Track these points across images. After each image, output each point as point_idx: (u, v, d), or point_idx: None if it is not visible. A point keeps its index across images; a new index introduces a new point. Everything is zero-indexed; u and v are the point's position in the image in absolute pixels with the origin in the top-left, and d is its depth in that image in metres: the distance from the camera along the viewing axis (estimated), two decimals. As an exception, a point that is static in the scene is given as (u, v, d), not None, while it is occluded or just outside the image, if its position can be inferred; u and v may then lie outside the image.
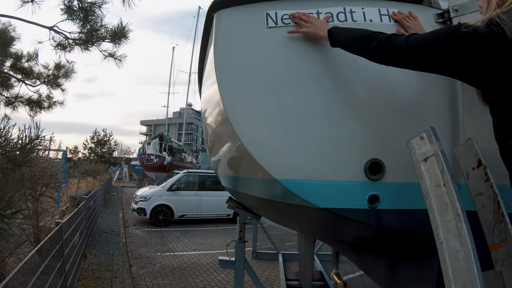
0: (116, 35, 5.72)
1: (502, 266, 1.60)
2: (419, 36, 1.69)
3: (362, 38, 1.86)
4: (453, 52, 1.53)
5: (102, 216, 15.76)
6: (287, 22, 2.14)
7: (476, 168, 1.74)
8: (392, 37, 1.74)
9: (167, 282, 7.42)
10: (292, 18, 2.13)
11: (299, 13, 2.12)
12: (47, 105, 7.41)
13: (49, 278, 4.32)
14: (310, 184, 1.96)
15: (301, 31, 2.07)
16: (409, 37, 1.69)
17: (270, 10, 2.15)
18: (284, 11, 2.15)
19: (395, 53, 1.73)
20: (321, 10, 2.16)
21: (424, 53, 1.63)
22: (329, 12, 2.15)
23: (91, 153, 58.81)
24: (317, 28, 2.04)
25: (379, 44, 1.76)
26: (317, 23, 2.06)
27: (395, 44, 1.71)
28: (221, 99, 2.14)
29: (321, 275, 7.19)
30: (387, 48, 1.74)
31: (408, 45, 1.67)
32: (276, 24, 2.13)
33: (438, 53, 1.58)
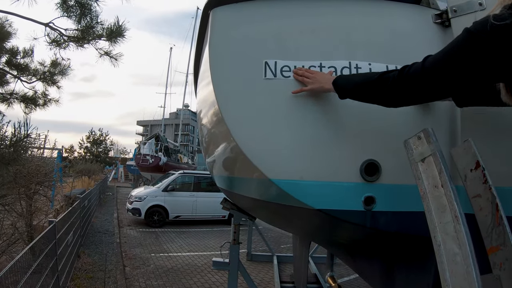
0: (113, 33, 5.70)
1: (500, 270, 1.57)
2: (436, 53, 1.53)
3: (372, 82, 1.74)
4: (480, 49, 1.35)
5: (96, 215, 15.71)
6: (287, 75, 2.04)
7: (474, 170, 1.71)
8: (406, 68, 1.61)
9: (161, 283, 7.37)
10: (294, 75, 2.02)
11: (301, 69, 2.02)
12: (43, 102, 7.39)
13: (41, 277, 4.29)
14: (305, 185, 1.93)
15: (306, 89, 1.97)
16: (424, 60, 1.55)
17: (269, 59, 2.06)
18: (285, 61, 2.06)
19: (415, 81, 1.57)
20: (325, 63, 2.07)
21: (449, 65, 1.45)
22: (333, 66, 2.06)
23: (86, 153, 58.73)
24: (322, 83, 1.92)
25: (394, 81, 1.64)
26: (321, 78, 1.95)
27: (412, 72, 1.58)
28: (216, 99, 2.10)
29: (315, 277, 7.17)
30: (403, 80, 1.60)
31: (426, 66, 1.52)
32: (274, 76, 2.04)
33: (465, 58, 1.40)
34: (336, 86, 1.87)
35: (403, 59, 2.03)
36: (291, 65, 2.05)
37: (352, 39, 2.12)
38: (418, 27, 2.12)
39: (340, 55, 2.08)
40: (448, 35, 2.06)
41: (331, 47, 2.10)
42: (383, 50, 2.09)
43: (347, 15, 2.15)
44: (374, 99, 1.78)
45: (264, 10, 2.14)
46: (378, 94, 1.73)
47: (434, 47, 2.06)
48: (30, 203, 7.88)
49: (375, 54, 2.08)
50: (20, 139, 2.59)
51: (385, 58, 2.07)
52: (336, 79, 1.89)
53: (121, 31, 5.79)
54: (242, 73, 2.09)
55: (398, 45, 2.10)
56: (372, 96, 1.78)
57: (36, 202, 8.46)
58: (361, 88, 1.80)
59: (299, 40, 2.09)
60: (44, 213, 8.73)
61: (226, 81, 2.11)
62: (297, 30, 2.11)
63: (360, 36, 2.12)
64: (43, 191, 8.86)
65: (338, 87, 1.86)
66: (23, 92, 7.17)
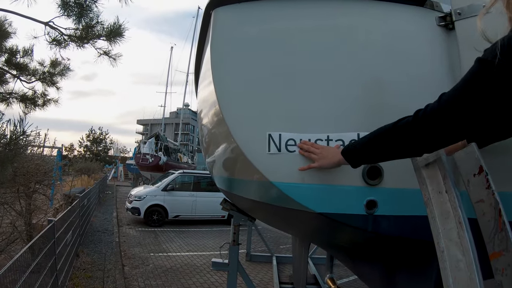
0: (112, 33, 5.69)
1: (502, 276, 1.56)
2: (450, 90, 1.41)
3: (386, 136, 1.60)
4: (495, 74, 1.24)
5: (96, 214, 15.72)
6: (292, 149, 1.97)
7: (477, 175, 1.70)
8: (420, 111, 1.47)
9: (159, 283, 7.37)
10: (300, 151, 1.95)
11: (306, 144, 1.94)
12: (42, 102, 7.38)
13: (40, 276, 4.29)
14: (306, 188, 1.92)
15: (313, 166, 1.88)
16: (439, 98, 1.43)
17: (273, 132, 1.98)
18: (290, 134, 1.99)
19: (433, 122, 1.42)
20: (332, 136, 1.99)
21: (467, 99, 1.33)
22: (340, 139, 1.98)
23: (86, 151, 58.80)
24: (330, 158, 1.83)
25: (409, 126, 1.50)
26: (327, 153, 1.86)
27: (429, 113, 1.43)
28: (217, 99, 2.09)
29: (315, 278, 7.16)
30: (421, 123, 1.46)
31: (442, 104, 1.40)
32: (279, 151, 1.97)
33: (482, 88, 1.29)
34: (346, 155, 1.76)
35: (406, 61, 2.02)
36: (297, 138, 1.98)
37: (354, 39, 2.10)
38: (422, 30, 2.11)
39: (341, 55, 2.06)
40: (452, 38, 2.05)
41: (333, 48, 2.08)
42: (385, 52, 2.08)
43: (350, 14, 2.14)
44: (392, 153, 1.64)
45: (266, 10, 2.12)
46: (395, 146, 1.59)
47: (437, 50, 2.07)
48: (29, 202, 7.88)
49: (377, 55, 2.07)
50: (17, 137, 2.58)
51: (390, 62, 2.06)
52: (344, 148, 1.80)
53: (120, 31, 5.79)
54: (243, 73, 2.07)
55: (401, 48, 2.09)
56: (389, 152, 1.63)
57: (35, 200, 8.46)
58: (375, 146, 1.65)
59: (300, 41, 2.08)
60: (44, 212, 8.73)
61: (228, 81, 2.09)
62: (298, 30, 2.10)
63: (362, 37, 2.10)
64: (43, 190, 8.85)
65: (349, 155, 1.75)
66: (22, 92, 7.17)
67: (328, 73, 2.04)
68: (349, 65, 2.04)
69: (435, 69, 2.02)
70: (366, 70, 2.03)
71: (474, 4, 2.01)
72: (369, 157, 1.70)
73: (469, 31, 1.99)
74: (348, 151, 1.76)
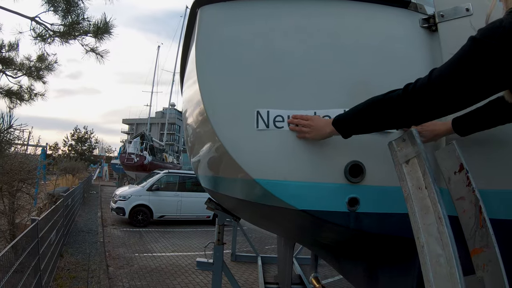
0: (99, 30, 5.65)
1: (483, 272, 1.58)
2: (442, 66, 1.43)
3: (376, 107, 1.64)
4: (490, 56, 1.27)
5: (80, 214, 15.58)
6: (280, 125, 1.98)
7: (457, 173, 1.72)
8: (410, 85, 1.51)
9: (144, 284, 7.33)
10: (290, 126, 1.96)
11: (296, 117, 1.95)
12: (28, 97, 7.29)
13: (23, 276, 4.25)
14: (289, 185, 1.92)
15: (307, 136, 1.90)
16: (430, 73, 1.45)
17: (261, 108, 1.99)
18: (278, 110, 2.01)
19: (422, 96, 1.47)
20: (319, 112, 2.00)
21: (457, 76, 1.36)
22: (327, 115, 1.99)
23: (71, 150, 58.24)
24: (321, 129, 1.86)
25: (399, 99, 1.54)
26: (317, 123, 1.88)
27: (418, 87, 1.48)
28: (201, 98, 2.08)
29: (300, 278, 7.18)
30: (410, 96, 1.50)
31: (433, 79, 1.43)
32: (267, 127, 1.97)
33: (474, 67, 1.31)
34: (337, 125, 1.79)
35: (389, 62, 2.04)
36: (284, 114, 1.99)
37: (340, 40, 2.11)
38: (405, 31, 2.13)
39: (327, 57, 2.07)
40: (435, 40, 2.08)
41: (319, 49, 2.09)
42: (370, 52, 2.09)
43: (336, 15, 2.15)
44: (382, 124, 1.69)
45: (252, 9, 2.12)
46: (385, 117, 1.63)
47: (420, 51, 2.09)
48: (12, 201, 7.80)
49: (360, 55, 2.08)
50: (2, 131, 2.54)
51: (373, 62, 2.07)
52: (335, 119, 1.81)
53: (108, 28, 5.74)
54: (228, 72, 2.06)
55: (384, 49, 2.10)
56: (379, 122, 1.67)
57: (19, 199, 8.37)
58: (366, 116, 1.69)
59: (286, 40, 2.08)
60: (27, 211, 8.65)
61: (212, 80, 2.08)
62: (284, 29, 2.10)
63: (348, 37, 2.11)
64: (26, 189, 8.76)
65: (340, 125, 1.78)
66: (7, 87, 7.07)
67: (314, 74, 2.05)
68: (333, 65, 2.05)
69: (418, 70, 2.02)
70: (349, 70, 2.05)
71: (457, 6, 2.04)
72: (359, 127, 1.75)
73: (452, 33, 2.02)
74: (339, 121, 1.79)
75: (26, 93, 7.33)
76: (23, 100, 7.28)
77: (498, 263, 1.55)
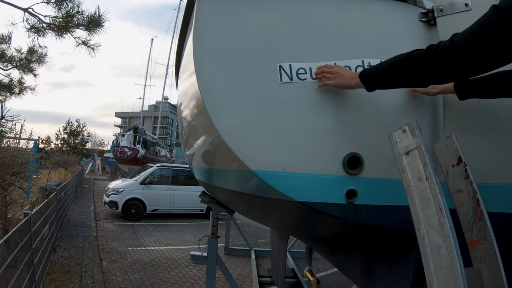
0: (91, 23, 5.61)
1: (481, 264, 1.59)
2: (464, 31, 1.47)
3: (400, 65, 1.70)
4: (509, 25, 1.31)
5: (73, 208, 15.52)
6: (303, 77, 1.99)
7: (456, 165, 1.72)
8: (433, 46, 1.56)
9: (138, 277, 7.31)
10: (315, 74, 1.98)
11: (320, 67, 1.98)
12: (18, 90, 7.23)
13: (16, 271, 4.22)
14: (287, 177, 1.91)
15: (331, 83, 1.92)
16: (452, 36, 1.50)
17: (284, 62, 2.00)
18: (300, 63, 2.01)
19: (444, 59, 1.52)
20: (339, 63, 2.02)
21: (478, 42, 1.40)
22: (347, 65, 2.02)
23: (63, 144, 57.93)
24: (346, 78, 1.89)
25: (421, 59, 1.59)
26: (344, 72, 1.91)
27: (440, 49, 1.53)
28: (199, 89, 2.05)
29: (293, 272, 7.21)
30: (432, 58, 1.55)
31: (455, 43, 1.47)
32: (291, 79, 1.98)
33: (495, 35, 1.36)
34: (363, 78, 1.84)
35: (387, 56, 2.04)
36: (307, 67, 2.01)
37: (338, 32, 2.10)
38: (404, 25, 2.13)
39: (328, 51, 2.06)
40: (433, 34, 2.08)
41: (317, 41, 2.08)
42: (370, 45, 2.08)
43: (334, 7, 2.14)
44: (404, 81, 1.76)
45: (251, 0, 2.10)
46: (407, 75, 1.70)
47: (418, 45, 2.08)
48: (5, 195, 7.74)
49: (359, 49, 2.08)
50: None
51: (372, 54, 2.06)
52: (362, 72, 1.87)
53: (100, 21, 5.70)
54: (226, 64, 2.04)
55: (383, 42, 2.10)
56: (401, 79, 1.74)
57: (11, 193, 8.31)
58: (390, 72, 1.75)
59: (286, 32, 2.07)
60: (20, 205, 8.59)
61: (210, 71, 2.05)
62: (284, 21, 2.08)
63: (346, 30, 2.10)
64: (19, 183, 8.69)
65: (366, 78, 1.83)
66: (-2, 79, 7.03)
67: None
68: (330, 55, 2.04)
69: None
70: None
71: (456, 1, 2.04)
72: (383, 82, 1.80)
73: (451, 28, 2.01)
74: (366, 74, 1.84)
75: (17, 86, 7.28)
76: (13, 93, 7.22)
77: (496, 256, 1.55)
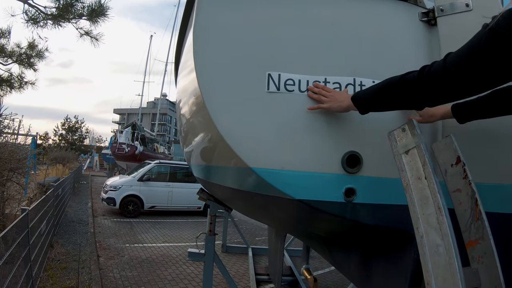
0: (94, 12, 5.54)
1: (479, 263, 1.59)
2: (457, 51, 1.46)
3: (393, 88, 1.69)
4: (504, 47, 1.29)
5: (70, 205, 15.50)
6: (291, 89, 1.98)
7: (454, 165, 1.73)
8: (426, 68, 1.55)
9: (135, 274, 7.32)
10: (309, 93, 1.97)
11: (317, 86, 1.97)
12: (18, 85, 7.20)
13: (13, 267, 4.20)
14: (285, 175, 1.90)
15: (323, 106, 1.92)
16: (445, 57, 1.50)
17: (272, 71, 2.00)
18: (289, 74, 2.01)
19: (437, 80, 1.51)
20: (329, 79, 2.02)
21: (472, 64, 1.39)
22: (337, 82, 2.02)
23: (61, 140, 57.85)
24: (339, 101, 1.89)
25: (414, 81, 1.58)
26: (338, 96, 1.91)
27: (433, 71, 1.52)
28: (198, 85, 2.05)
29: (290, 270, 7.22)
30: (425, 80, 1.55)
31: (448, 64, 1.46)
32: (278, 89, 1.98)
33: (489, 56, 1.34)
34: (356, 100, 1.83)
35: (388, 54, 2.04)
36: (296, 78, 2.01)
37: (340, 33, 2.10)
38: (404, 24, 2.13)
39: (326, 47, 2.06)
40: (434, 34, 2.08)
41: (318, 39, 2.07)
42: (368, 44, 2.08)
43: (335, 6, 2.14)
44: (397, 104, 1.75)
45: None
46: (400, 98, 1.69)
47: (419, 45, 2.09)
48: (2, 190, 7.72)
49: (359, 47, 2.08)
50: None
51: (372, 54, 2.07)
52: (354, 95, 1.87)
53: (103, 10, 5.62)
54: (226, 60, 2.04)
55: (383, 41, 2.10)
56: (394, 102, 1.74)
57: (9, 189, 8.29)
58: (383, 96, 1.75)
59: (286, 28, 2.06)
60: (17, 201, 8.57)
61: (210, 68, 2.05)
62: (283, 16, 2.08)
63: (346, 28, 2.10)
64: (16, 178, 8.68)
65: (359, 101, 1.83)
66: (-2, 74, 7.00)
67: (311, 63, 2.04)
68: (328, 54, 2.04)
69: (416, 63, 2.03)
70: (347, 61, 2.04)
71: (456, 1, 2.04)
72: (376, 105, 1.80)
73: (451, 28, 2.02)
74: (358, 97, 1.84)
75: (17, 81, 7.25)
76: (13, 88, 7.19)
77: (493, 255, 1.56)
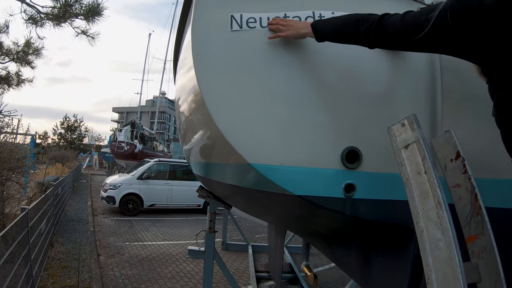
0: (90, 12, 5.55)
1: (479, 258, 1.58)
2: (416, 12, 1.59)
3: (352, 23, 1.77)
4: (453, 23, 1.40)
5: (70, 204, 15.50)
6: (252, 26, 2.04)
7: (454, 160, 1.72)
8: (386, 16, 1.66)
9: (135, 272, 7.32)
10: (269, 26, 2.02)
11: (276, 19, 2.02)
12: (16, 82, 7.19)
13: (13, 266, 4.20)
14: (285, 170, 1.90)
15: (282, 35, 1.96)
16: (405, 14, 1.61)
17: (235, 12, 2.06)
18: (250, 14, 2.06)
19: (391, 32, 1.64)
20: (289, 14, 2.08)
21: (424, 29, 1.49)
22: (297, 16, 2.07)
23: (60, 139, 57.81)
24: (298, 28, 1.94)
25: (372, 25, 1.68)
26: (296, 24, 1.97)
27: (390, 22, 1.63)
28: (197, 82, 2.05)
29: (290, 267, 7.23)
30: (381, 28, 1.66)
31: (404, 22, 1.59)
32: (240, 27, 2.04)
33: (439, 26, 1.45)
34: (314, 28, 1.89)
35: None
36: (257, 16, 2.06)
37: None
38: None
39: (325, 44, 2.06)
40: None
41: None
42: None
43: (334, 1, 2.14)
44: (353, 39, 1.81)
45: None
46: (357, 34, 1.76)
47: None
48: (2, 190, 7.72)
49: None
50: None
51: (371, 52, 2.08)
52: (315, 22, 1.93)
53: (99, 9, 5.64)
54: (225, 57, 2.04)
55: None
56: (352, 36, 1.80)
57: (9, 188, 8.29)
58: (341, 29, 1.83)
59: None
60: (17, 200, 8.57)
61: (208, 64, 2.05)
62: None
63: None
64: (16, 178, 8.67)
65: (317, 29, 1.89)
66: (-5, 72, 6.99)
67: (310, 59, 2.03)
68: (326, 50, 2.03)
69: (415, 59, 2.03)
70: (345, 58, 2.03)
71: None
72: (334, 36, 1.88)
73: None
74: (319, 26, 1.91)
75: (14, 78, 7.24)
76: (11, 85, 7.18)
77: (493, 250, 1.55)
